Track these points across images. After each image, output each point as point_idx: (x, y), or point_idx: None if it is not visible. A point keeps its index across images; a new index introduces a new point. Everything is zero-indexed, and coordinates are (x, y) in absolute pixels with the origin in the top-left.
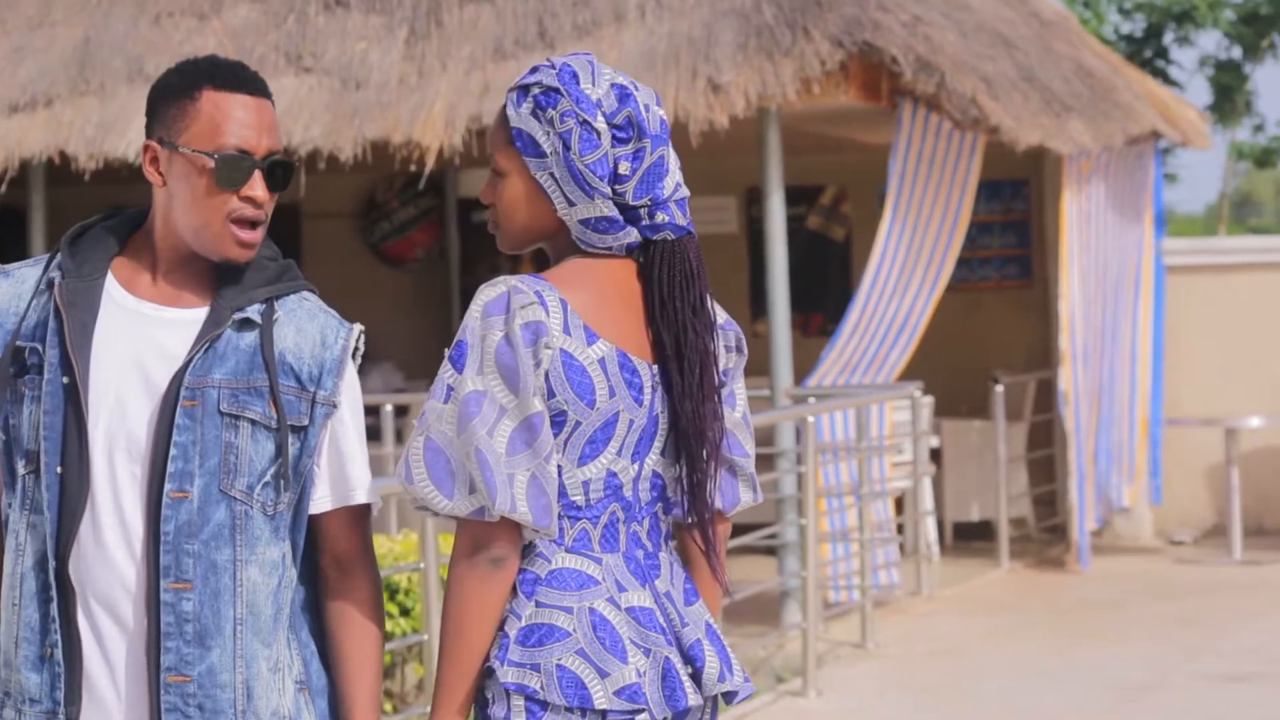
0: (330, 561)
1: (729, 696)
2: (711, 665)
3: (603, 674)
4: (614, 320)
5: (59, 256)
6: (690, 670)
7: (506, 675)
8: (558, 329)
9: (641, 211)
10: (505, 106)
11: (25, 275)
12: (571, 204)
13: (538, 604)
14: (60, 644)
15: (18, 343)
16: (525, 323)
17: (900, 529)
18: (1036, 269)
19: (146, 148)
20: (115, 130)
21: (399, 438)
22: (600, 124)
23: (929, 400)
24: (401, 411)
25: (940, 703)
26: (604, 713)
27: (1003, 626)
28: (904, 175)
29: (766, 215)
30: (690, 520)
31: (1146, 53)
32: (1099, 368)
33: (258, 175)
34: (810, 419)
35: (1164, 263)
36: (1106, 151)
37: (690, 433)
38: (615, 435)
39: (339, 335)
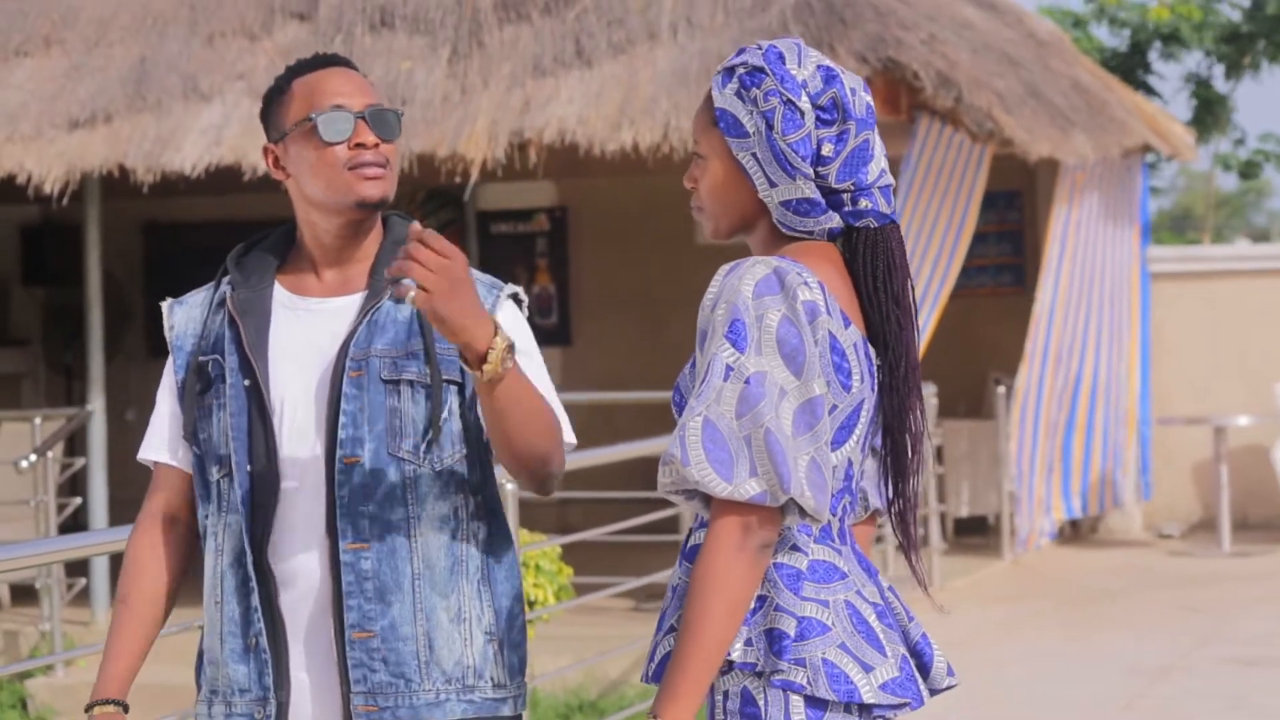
0: None
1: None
2: (940, 661)
3: (866, 668)
4: (850, 305)
5: (227, 275)
6: (917, 664)
7: (783, 673)
8: (823, 309)
9: (844, 196)
10: (710, 90)
11: (196, 300)
12: (773, 184)
13: (801, 598)
14: (264, 631)
15: (199, 358)
16: (805, 300)
17: None
18: (1029, 277)
19: (266, 153)
20: (171, 145)
21: None
22: (804, 103)
23: (933, 402)
24: None
25: (965, 691)
26: (870, 707)
27: (1015, 616)
28: (912, 185)
29: None
30: (892, 514)
31: (1132, 68)
32: (1073, 369)
33: (361, 124)
34: None
35: (1151, 270)
36: (1100, 164)
37: (896, 426)
38: (859, 423)
39: (492, 299)
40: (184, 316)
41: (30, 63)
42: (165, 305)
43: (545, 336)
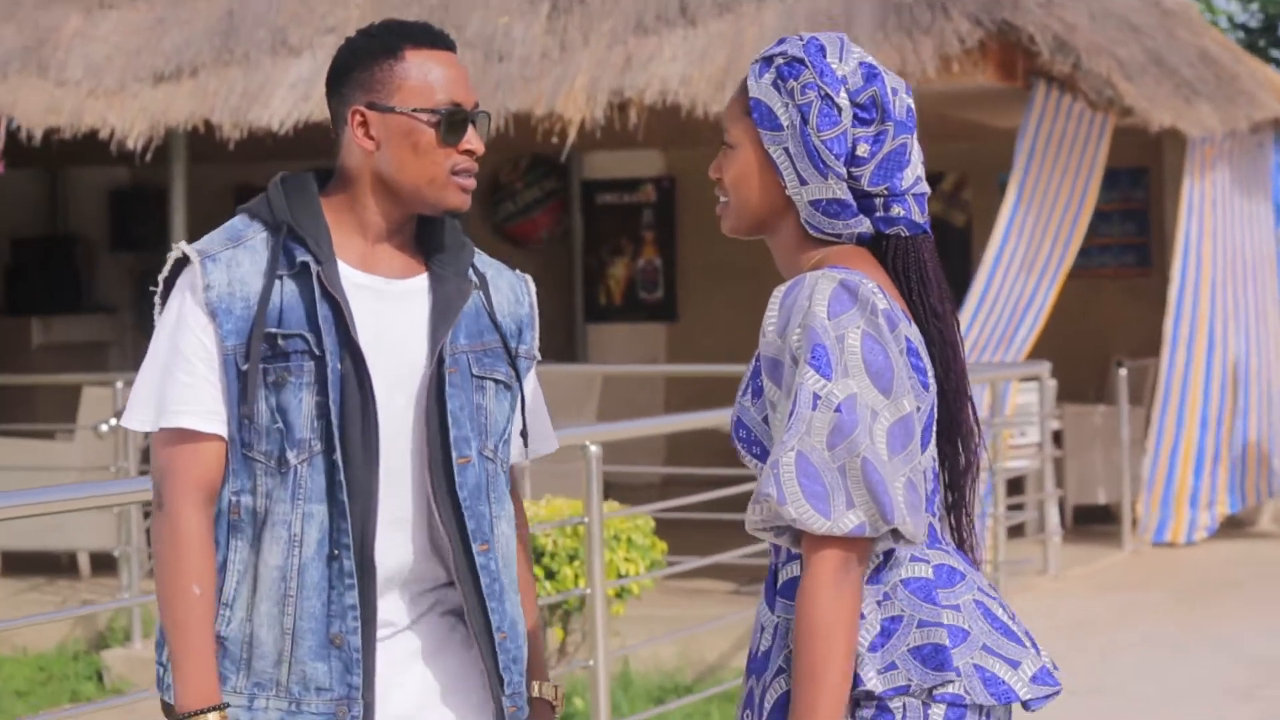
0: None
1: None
2: (1048, 657)
3: (1013, 664)
4: (904, 305)
5: (290, 238)
6: None
7: (950, 684)
8: (899, 316)
9: (876, 201)
10: (746, 78)
11: (238, 258)
12: (804, 182)
13: (940, 606)
14: (360, 629)
15: (273, 329)
16: (883, 309)
17: (1021, 509)
18: (1155, 257)
19: (354, 113)
20: (259, 100)
21: None
22: (842, 99)
23: (1053, 384)
24: None
25: (1074, 674)
26: (1026, 702)
27: (1131, 603)
28: (1032, 155)
29: None
30: (951, 517)
31: (1261, 43)
32: (1231, 354)
33: (471, 128)
34: None
35: None
36: (1229, 139)
37: (949, 432)
38: (935, 422)
39: (526, 290)
40: (225, 276)
41: (115, 15)
42: (194, 257)
43: (650, 311)
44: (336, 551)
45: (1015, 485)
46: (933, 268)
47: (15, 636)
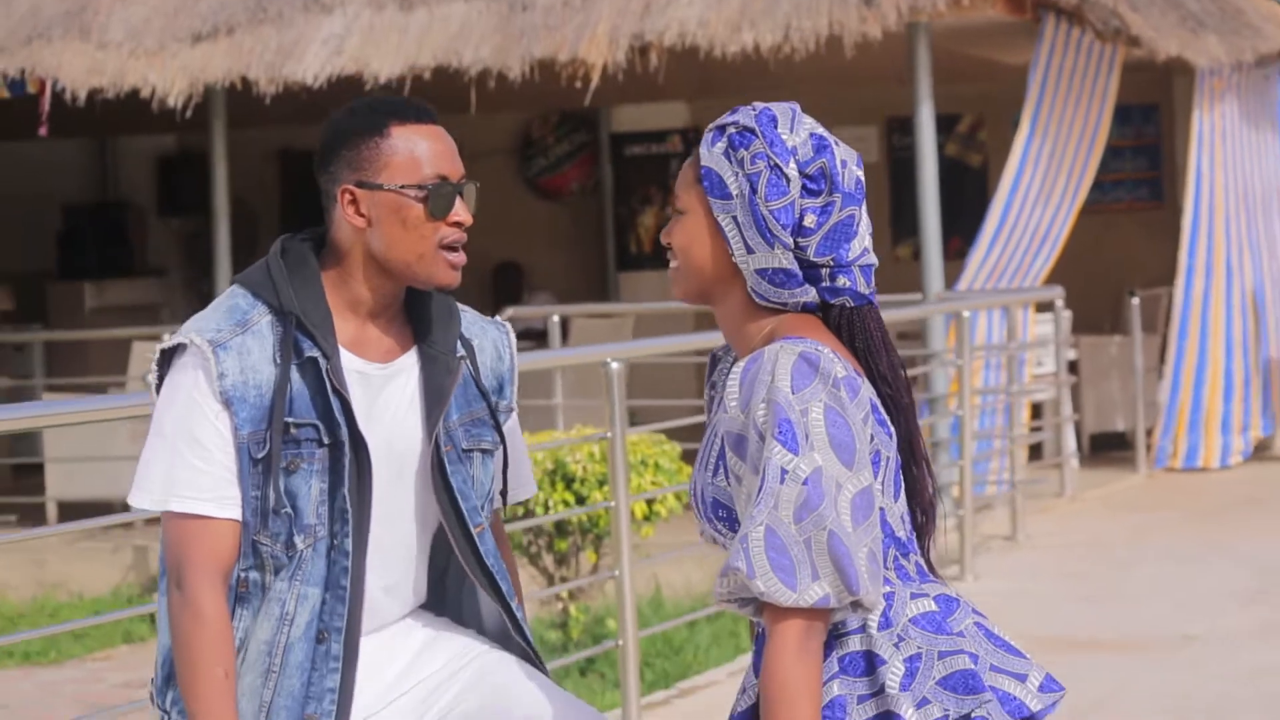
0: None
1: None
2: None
3: (1019, 678)
4: (855, 367)
5: (298, 329)
6: None
7: (987, 703)
8: (858, 379)
9: (822, 271)
10: (699, 145)
11: (247, 345)
12: (750, 251)
13: (954, 635)
14: (335, 713)
15: (286, 418)
16: (842, 378)
17: (1039, 431)
18: (1167, 191)
19: (344, 192)
20: (293, 56)
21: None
22: (791, 170)
23: (1068, 314)
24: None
25: (1093, 586)
26: (1036, 714)
27: (1149, 522)
28: (1044, 87)
29: (916, 114)
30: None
31: None
32: (1248, 281)
33: (460, 201)
34: (965, 314)
35: None
36: (1236, 72)
37: (907, 459)
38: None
39: (506, 344)
40: (237, 364)
41: None
42: (204, 345)
43: None
44: (326, 634)
45: (1034, 413)
46: (879, 337)
47: (71, 582)
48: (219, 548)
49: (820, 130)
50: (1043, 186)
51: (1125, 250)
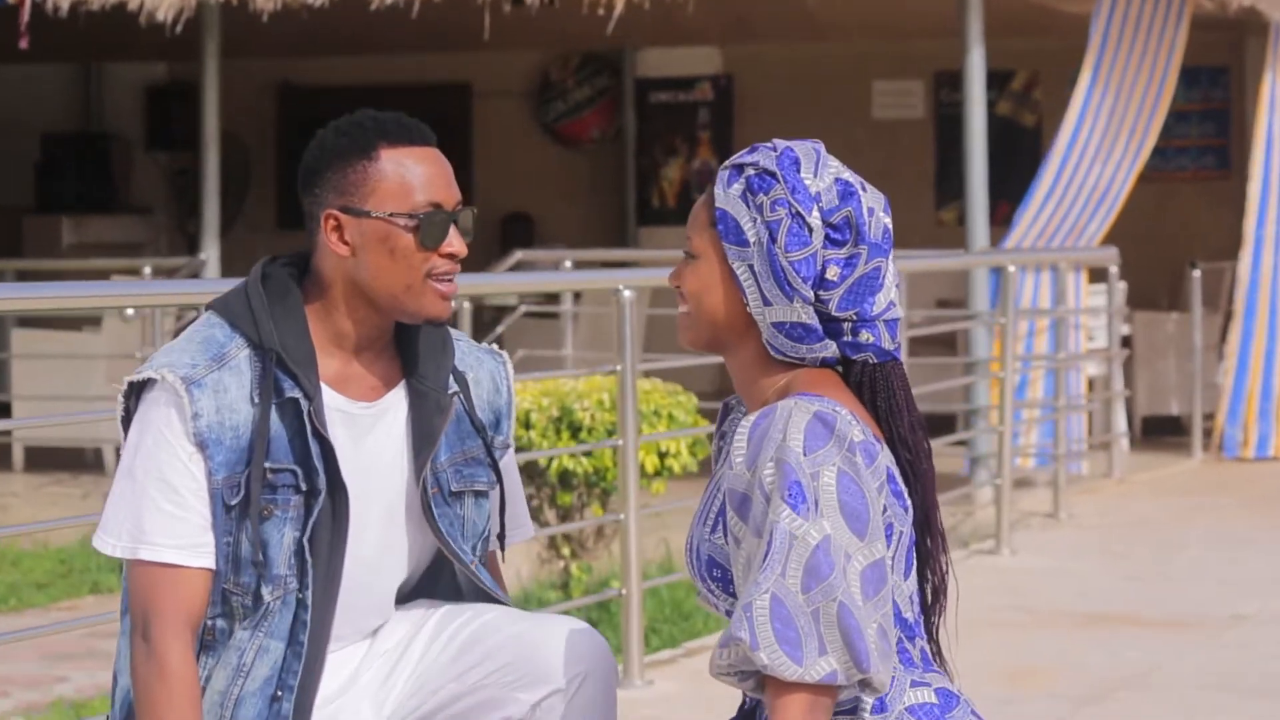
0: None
1: None
2: None
3: None
4: (874, 428)
5: (274, 363)
6: None
7: None
8: (875, 445)
9: (844, 325)
10: (714, 184)
11: (222, 383)
12: (767, 303)
13: None
14: None
15: (266, 465)
16: (859, 443)
17: (1089, 417)
18: (1235, 159)
19: (328, 217)
20: None
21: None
22: (814, 219)
23: (1123, 285)
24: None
25: (1138, 566)
26: None
27: (1197, 506)
28: (1106, 37)
29: (966, 65)
30: (929, 632)
31: None
32: None
33: (454, 230)
34: (1011, 268)
35: None
36: None
37: (923, 559)
38: (915, 545)
39: (503, 376)
40: (213, 404)
41: None
42: (178, 383)
43: None
44: (280, 693)
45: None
46: (903, 396)
47: (37, 531)
48: (189, 598)
49: (846, 174)
50: (1102, 143)
51: (1187, 222)
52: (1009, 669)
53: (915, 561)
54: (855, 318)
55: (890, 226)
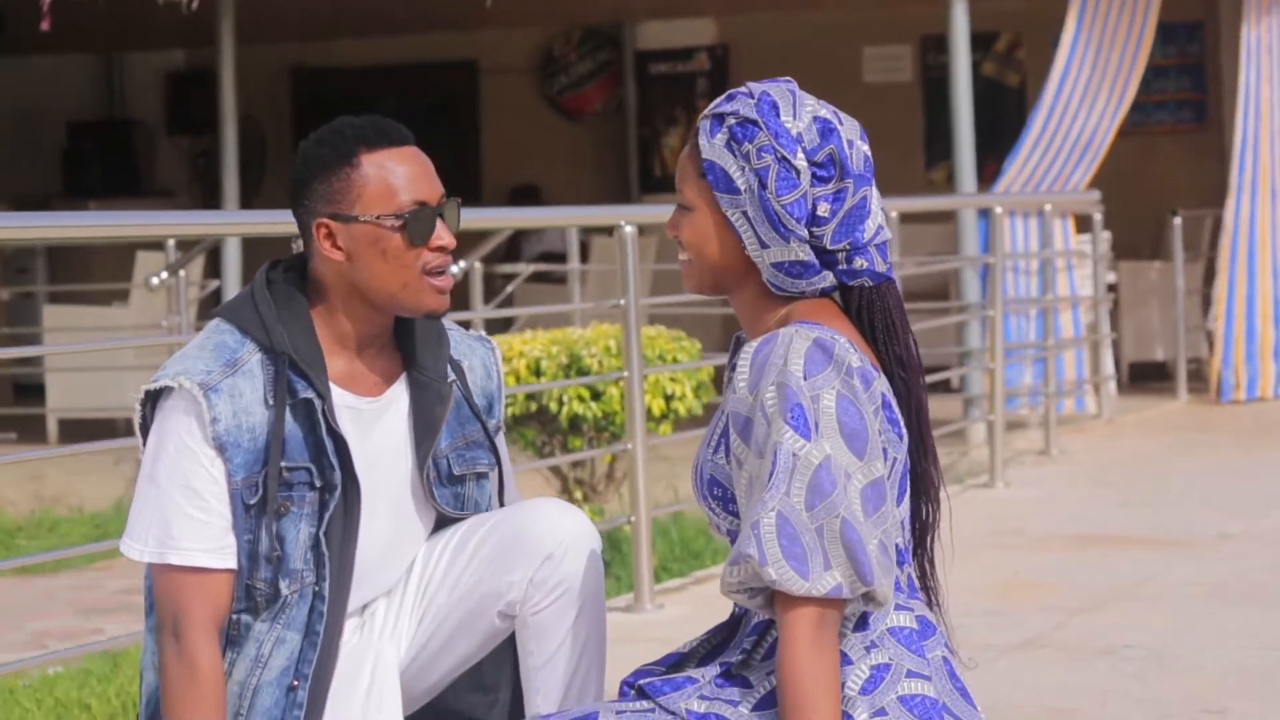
0: None
1: None
2: None
3: None
4: (871, 356)
5: (290, 369)
6: None
7: None
8: (872, 371)
9: (839, 255)
10: (697, 136)
11: (239, 388)
12: (764, 245)
13: (924, 658)
14: None
15: (282, 465)
16: (856, 368)
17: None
18: (1211, 112)
19: (319, 226)
20: None
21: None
22: (800, 161)
23: (1107, 235)
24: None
25: (1128, 493)
26: None
27: (1184, 442)
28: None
29: (951, 33)
30: (917, 564)
31: None
32: None
33: (441, 223)
34: (999, 209)
35: None
36: None
37: (916, 487)
38: (909, 472)
39: (493, 362)
40: (230, 408)
41: None
42: (195, 389)
43: None
44: (296, 682)
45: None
46: (898, 316)
47: (71, 496)
48: (216, 598)
49: (822, 111)
50: (1085, 94)
51: (1166, 174)
52: (1004, 584)
53: (909, 486)
54: (849, 247)
55: (869, 154)
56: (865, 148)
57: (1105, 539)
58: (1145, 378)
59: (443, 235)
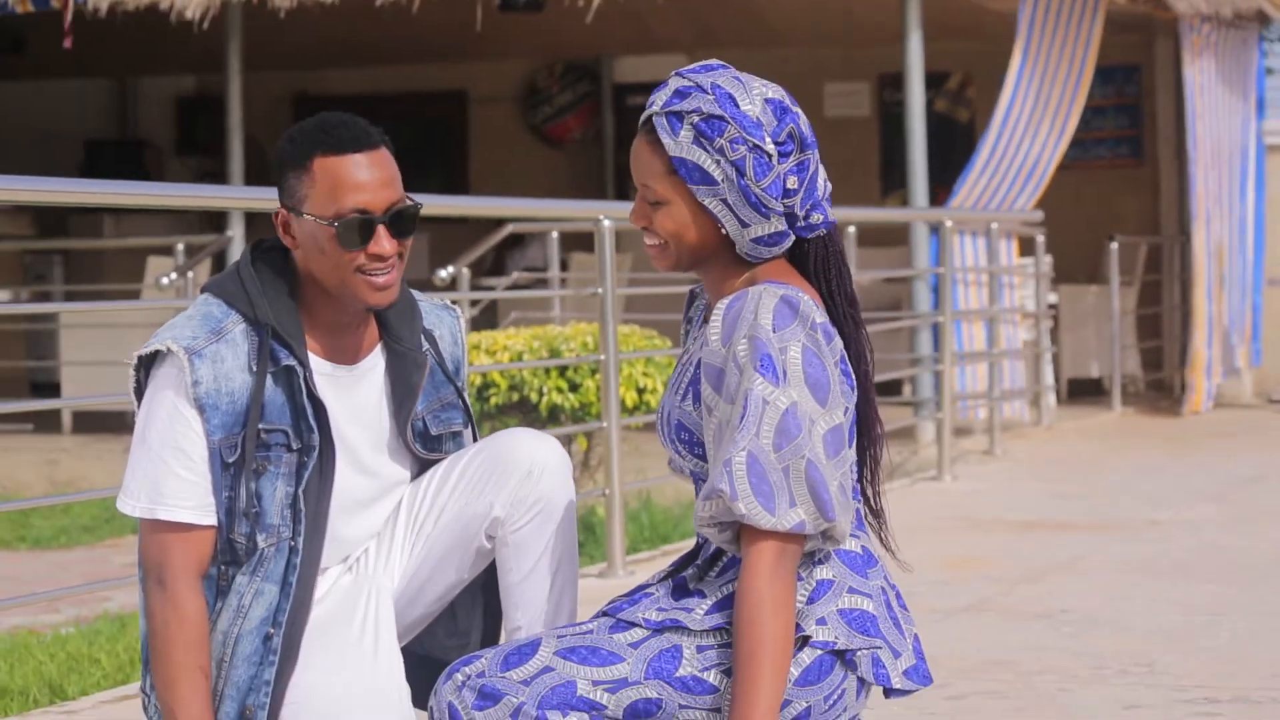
0: None
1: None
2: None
3: (895, 653)
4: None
5: (273, 338)
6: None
7: (878, 648)
8: (831, 327)
9: (800, 215)
10: (654, 132)
11: (221, 354)
12: (745, 225)
13: (868, 580)
14: (267, 706)
15: (260, 426)
16: (819, 323)
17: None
18: (1147, 148)
19: (277, 215)
20: None
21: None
22: (769, 146)
23: (1049, 258)
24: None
25: (1066, 486)
26: (892, 690)
27: (1122, 445)
28: (1031, 28)
29: (906, 72)
30: (866, 496)
31: None
32: (1219, 233)
33: (381, 231)
34: (949, 223)
35: (1266, 143)
36: (1215, 30)
37: (863, 421)
38: (856, 420)
39: (458, 329)
40: (211, 372)
41: None
42: (181, 354)
43: None
44: (272, 631)
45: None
46: (843, 256)
47: (83, 482)
48: (200, 551)
49: (770, 91)
50: (1029, 122)
51: (1104, 206)
52: (950, 559)
53: (856, 433)
54: (811, 207)
55: (805, 117)
56: (798, 109)
57: (1044, 524)
58: (1081, 393)
59: (381, 243)
